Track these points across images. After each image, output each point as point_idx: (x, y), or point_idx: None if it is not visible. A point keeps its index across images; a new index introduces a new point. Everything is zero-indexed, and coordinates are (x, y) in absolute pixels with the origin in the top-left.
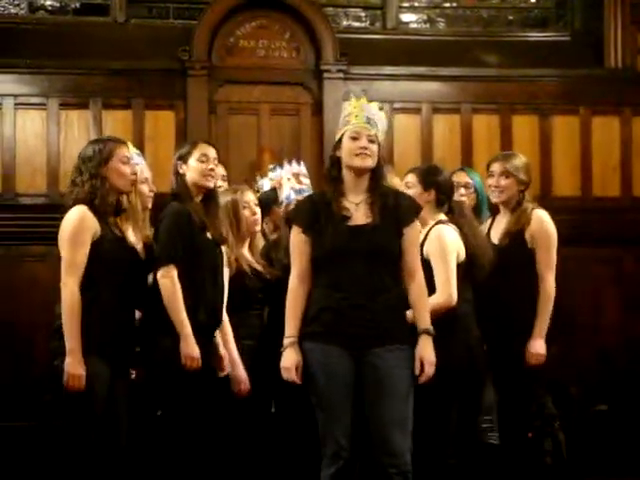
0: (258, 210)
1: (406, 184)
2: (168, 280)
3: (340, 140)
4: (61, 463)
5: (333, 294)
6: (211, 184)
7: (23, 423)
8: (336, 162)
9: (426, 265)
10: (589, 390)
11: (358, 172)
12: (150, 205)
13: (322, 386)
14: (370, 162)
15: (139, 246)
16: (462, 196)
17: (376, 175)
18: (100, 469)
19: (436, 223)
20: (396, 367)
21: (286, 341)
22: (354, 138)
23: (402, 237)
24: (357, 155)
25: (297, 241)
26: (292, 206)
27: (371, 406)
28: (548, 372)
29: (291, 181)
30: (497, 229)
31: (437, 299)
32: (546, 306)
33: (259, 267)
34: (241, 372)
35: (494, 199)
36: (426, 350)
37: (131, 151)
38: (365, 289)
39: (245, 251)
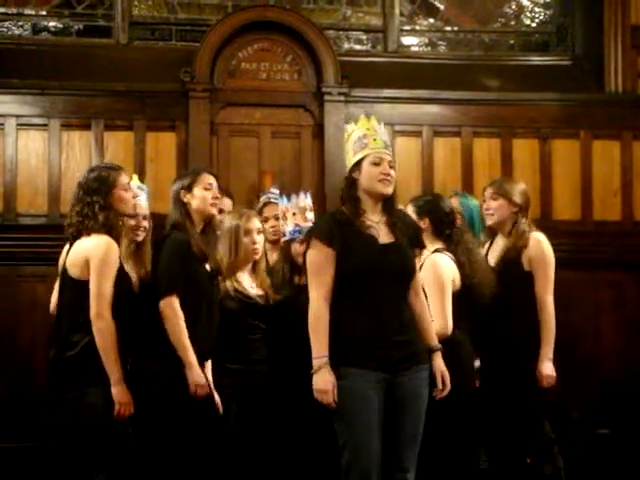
0: (260, 238)
1: None
2: (170, 310)
3: (358, 163)
4: None
5: (365, 316)
6: (216, 212)
7: (22, 444)
8: (353, 183)
9: None
10: (590, 414)
11: (378, 197)
12: (141, 239)
13: (355, 413)
14: (391, 189)
15: (134, 279)
16: None
17: (391, 197)
18: None
19: (432, 252)
20: (421, 386)
21: (318, 362)
22: (376, 164)
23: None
24: (380, 181)
25: (321, 259)
26: (296, 243)
27: (393, 424)
28: (549, 396)
29: (296, 217)
30: (494, 252)
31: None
32: (549, 328)
33: (254, 292)
34: (217, 397)
35: (487, 222)
36: (443, 366)
37: (134, 185)
38: (395, 309)
39: (244, 276)
